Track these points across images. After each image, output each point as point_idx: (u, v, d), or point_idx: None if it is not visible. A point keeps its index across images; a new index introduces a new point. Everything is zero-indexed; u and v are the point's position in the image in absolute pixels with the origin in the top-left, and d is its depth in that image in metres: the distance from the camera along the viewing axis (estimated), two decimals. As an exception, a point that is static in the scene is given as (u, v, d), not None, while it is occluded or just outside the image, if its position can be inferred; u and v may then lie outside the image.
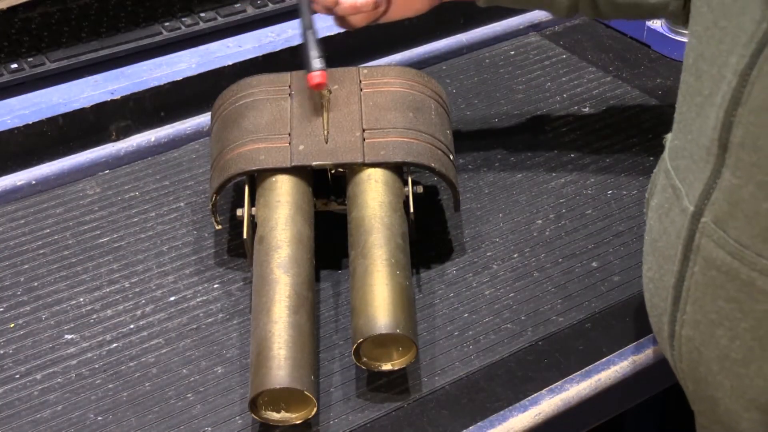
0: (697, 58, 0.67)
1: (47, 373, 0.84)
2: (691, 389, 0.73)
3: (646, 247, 0.76)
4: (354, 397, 0.81)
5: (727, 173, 0.64)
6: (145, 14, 1.19)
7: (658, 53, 1.25)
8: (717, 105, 0.63)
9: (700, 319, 0.69)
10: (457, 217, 0.99)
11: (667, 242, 0.71)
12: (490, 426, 0.79)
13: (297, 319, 0.79)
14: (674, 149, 0.71)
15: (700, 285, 0.68)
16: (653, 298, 0.74)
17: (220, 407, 0.81)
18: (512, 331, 0.87)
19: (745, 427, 0.69)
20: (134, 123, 1.11)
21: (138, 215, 1.01)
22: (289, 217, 0.87)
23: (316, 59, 0.90)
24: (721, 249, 0.65)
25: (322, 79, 0.90)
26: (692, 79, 0.68)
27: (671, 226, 0.70)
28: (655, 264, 0.73)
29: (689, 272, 0.68)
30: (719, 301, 0.66)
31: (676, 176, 0.70)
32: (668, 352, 0.74)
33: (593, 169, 1.06)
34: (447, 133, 0.95)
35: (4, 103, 1.08)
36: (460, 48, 1.26)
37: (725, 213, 0.65)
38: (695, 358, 0.70)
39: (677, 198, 0.69)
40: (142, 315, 0.89)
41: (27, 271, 0.95)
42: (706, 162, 0.65)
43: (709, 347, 0.68)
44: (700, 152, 0.66)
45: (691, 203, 0.67)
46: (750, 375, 0.66)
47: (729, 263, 0.65)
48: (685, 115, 0.69)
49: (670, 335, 0.72)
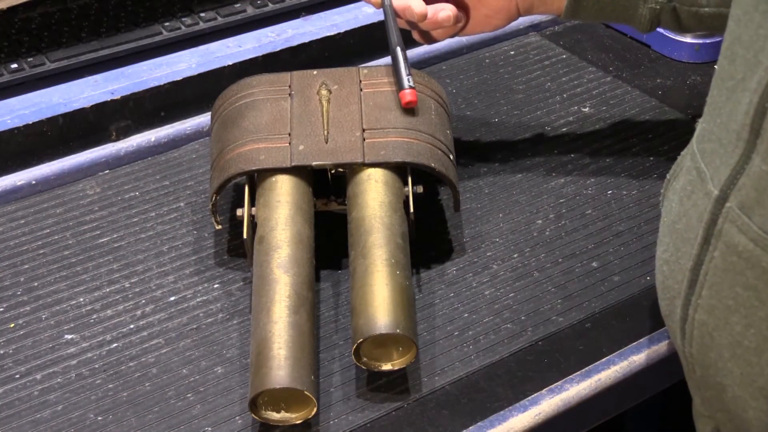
0: (734, 41, 0.66)
1: (47, 373, 0.84)
2: (698, 374, 0.73)
3: (663, 229, 0.76)
4: (354, 397, 0.81)
5: (757, 159, 0.63)
6: (145, 14, 1.19)
7: (658, 53, 1.25)
8: (751, 90, 0.63)
9: (715, 305, 0.68)
10: (457, 217, 0.99)
11: (687, 224, 0.70)
12: (490, 426, 0.79)
13: (297, 319, 0.80)
14: (702, 132, 0.71)
15: (719, 270, 0.67)
16: (667, 281, 0.74)
17: (220, 407, 0.81)
18: (512, 331, 0.87)
19: (752, 415, 0.68)
20: (134, 123, 1.11)
21: (138, 215, 1.01)
22: (289, 217, 0.87)
23: (407, 77, 0.93)
24: (743, 235, 0.65)
25: (412, 97, 0.92)
26: (726, 63, 0.67)
27: (693, 208, 0.70)
28: (672, 246, 0.73)
29: (708, 256, 0.68)
30: (737, 288, 0.66)
31: (702, 159, 0.69)
32: (678, 336, 0.73)
33: (593, 169, 1.06)
34: (447, 133, 0.95)
35: (4, 103, 1.08)
36: (460, 48, 1.26)
37: (752, 199, 0.64)
38: (707, 343, 0.70)
39: (701, 181, 0.69)
40: (142, 315, 0.89)
41: (27, 271, 0.95)
42: (735, 147, 0.65)
43: (723, 333, 0.68)
44: (729, 137, 0.65)
45: (716, 187, 0.67)
46: (762, 364, 0.66)
47: (751, 250, 0.64)
48: (715, 98, 0.69)
49: (683, 318, 0.71)
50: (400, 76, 0.93)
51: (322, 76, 0.97)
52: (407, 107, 0.93)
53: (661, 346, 0.86)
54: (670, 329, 0.76)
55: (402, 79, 0.93)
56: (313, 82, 0.96)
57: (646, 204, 1.00)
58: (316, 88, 0.96)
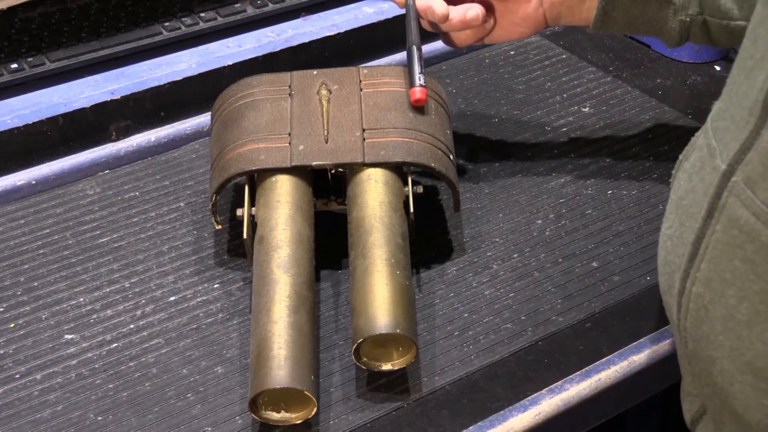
0: (758, 24, 0.67)
1: (47, 373, 0.84)
2: (690, 348, 0.73)
3: (670, 206, 0.76)
4: (354, 397, 0.82)
5: (766, 135, 0.64)
6: (145, 14, 1.19)
7: (658, 53, 1.25)
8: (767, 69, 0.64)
9: (712, 277, 0.69)
10: (457, 217, 0.99)
11: (693, 200, 0.71)
12: (490, 426, 0.79)
13: (297, 319, 0.80)
14: (717, 111, 0.72)
15: (719, 243, 0.68)
16: (669, 255, 0.74)
17: (220, 407, 0.81)
18: (512, 331, 0.87)
19: (737, 389, 0.69)
20: (134, 123, 1.11)
21: (138, 215, 1.01)
22: (289, 217, 0.87)
23: (419, 75, 0.92)
24: (746, 209, 0.65)
25: (422, 95, 0.92)
26: (749, 44, 0.68)
27: (700, 183, 0.70)
28: (677, 221, 0.73)
29: (710, 230, 0.69)
30: (735, 261, 0.67)
31: (714, 136, 0.70)
32: (674, 310, 0.74)
33: (593, 169, 1.06)
34: (447, 133, 0.95)
35: (4, 103, 1.08)
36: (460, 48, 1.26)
37: (758, 174, 0.65)
38: (701, 315, 0.70)
39: (711, 156, 0.70)
40: (142, 315, 0.89)
41: (27, 271, 0.95)
42: (746, 123, 0.66)
43: (717, 306, 0.69)
44: (742, 113, 0.66)
45: (724, 162, 0.68)
46: (751, 338, 0.67)
47: (752, 224, 0.65)
48: (734, 78, 0.70)
49: (680, 292, 0.72)
50: (412, 73, 0.93)
51: (322, 76, 0.97)
52: (416, 105, 0.93)
53: (661, 346, 0.86)
54: (666, 305, 0.76)
55: (414, 77, 0.93)
56: (313, 82, 0.96)
57: (646, 204, 1.01)
58: (316, 88, 0.96)
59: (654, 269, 0.92)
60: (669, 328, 0.87)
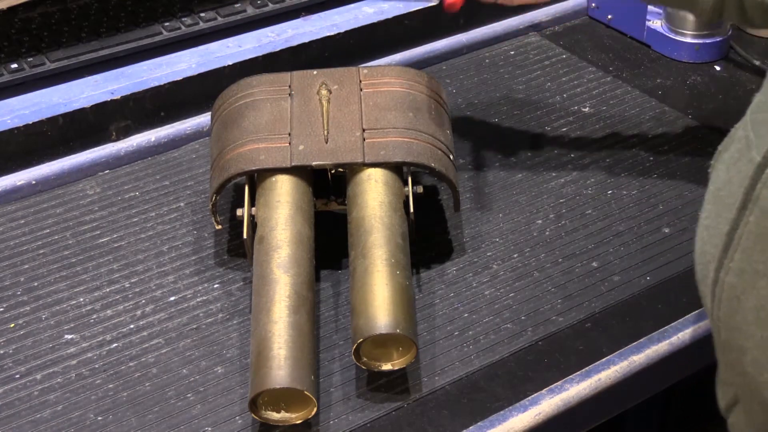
0: None
1: (47, 373, 0.84)
2: (723, 338, 0.74)
3: (708, 197, 0.77)
4: (354, 397, 0.81)
5: None
6: (145, 14, 1.19)
7: (658, 53, 1.25)
8: None
9: (745, 268, 0.69)
10: (457, 217, 0.99)
11: (730, 191, 0.71)
12: (490, 426, 0.79)
13: (297, 319, 0.80)
14: (757, 103, 0.73)
15: (753, 234, 0.69)
16: (705, 246, 0.75)
17: (220, 407, 0.81)
18: (512, 331, 0.87)
19: (767, 378, 0.70)
20: (134, 123, 1.11)
21: (138, 215, 1.01)
22: (289, 217, 0.87)
23: None
24: None
25: None
26: None
27: (737, 175, 0.71)
28: (714, 212, 0.74)
29: (744, 221, 0.69)
30: None
31: (752, 128, 0.71)
32: (708, 300, 0.75)
33: (593, 169, 1.06)
34: (447, 133, 0.95)
35: (4, 103, 1.08)
36: (460, 48, 1.26)
37: None
38: (734, 306, 0.71)
39: (748, 148, 0.70)
40: (142, 315, 0.89)
41: (27, 271, 0.95)
42: None
43: (749, 296, 0.69)
44: None
45: (759, 154, 0.68)
46: None
47: None
48: None
49: (714, 282, 0.73)
50: None
51: (322, 76, 0.97)
52: (449, 10, 0.92)
53: (662, 346, 0.86)
54: (701, 294, 0.77)
55: None
56: (313, 82, 0.96)
57: (646, 204, 1.00)
58: (316, 88, 0.96)
59: (654, 269, 0.93)
60: (669, 328, 0.87)
